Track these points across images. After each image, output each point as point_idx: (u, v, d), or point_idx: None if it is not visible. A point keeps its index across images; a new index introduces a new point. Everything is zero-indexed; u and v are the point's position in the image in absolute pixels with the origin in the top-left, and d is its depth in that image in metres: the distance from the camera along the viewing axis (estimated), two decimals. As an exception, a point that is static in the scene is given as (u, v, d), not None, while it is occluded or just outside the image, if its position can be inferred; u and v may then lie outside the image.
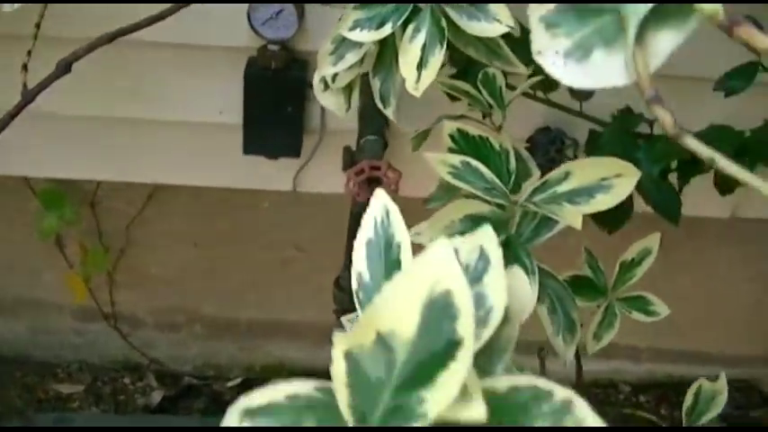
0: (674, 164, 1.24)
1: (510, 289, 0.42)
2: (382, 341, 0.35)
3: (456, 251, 0.42)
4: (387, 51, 0.88)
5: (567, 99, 1.25)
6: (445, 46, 0.80)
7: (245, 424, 0.38)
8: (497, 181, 0.84)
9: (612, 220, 1.23)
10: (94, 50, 0.94)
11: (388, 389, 0.35)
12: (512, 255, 0.84)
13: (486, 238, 0.42)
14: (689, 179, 1.19)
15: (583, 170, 0.83)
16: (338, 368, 0.36)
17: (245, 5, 1.32)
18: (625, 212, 1.24)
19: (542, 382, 0.36)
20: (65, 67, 0.89)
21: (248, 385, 1.75)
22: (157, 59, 1.39)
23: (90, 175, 1.53)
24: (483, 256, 0.42)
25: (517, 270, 0.44)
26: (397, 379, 0.35)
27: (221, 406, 1.68)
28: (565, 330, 0.87)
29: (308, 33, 1.37)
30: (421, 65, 0.80)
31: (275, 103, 1.41)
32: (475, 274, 0.42)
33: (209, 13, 1.33)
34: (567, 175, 0.84)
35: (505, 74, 1.07)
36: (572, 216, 0.81)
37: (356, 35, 0.82)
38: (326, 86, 0.91)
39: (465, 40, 0.86)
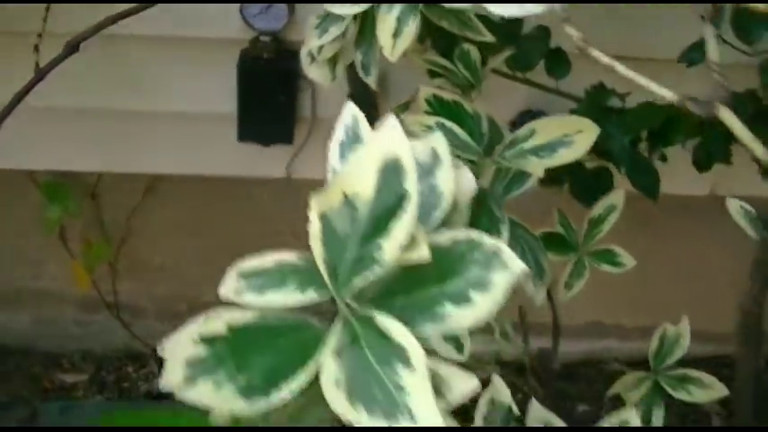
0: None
1: (457, 183, 0.53)
2: (348, 202, 0.46)
3: (413, 150, 0.53)
4: (367, 26, 0.99)
5: (546, 79, 1.36)
6: (419, 17, 0.91)
7: (241, 283, 0.49)
8: (469, 139, 0.95)
9: (591, 194, 1.33)
10: (99, 32, 1.04)
11: (354, 241, 0.46)
12: (484, 207, 0.95)
13: (438, 141, 0.53)
14: (658, 148, 1.30)
15: (546, 128, 0.95)
16: (314, 227, 0.47)
17: (238, -2, 1.44)
18: (603, 187, 1.35)
19: (475, 234, 0.46)
20: (73, 47, 1.00)
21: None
22: (153, 53, 1.51)
23: (90, 167, 1.64)
24: (435, 155, 0.53)
25: (464, 168, 0.54)
26: (361, 232, 0.46)
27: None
28: (535, 276, 0.97)
29: (298, 25, 1.48)
30: (396, 33, 0.91)
31: (268, 92, 1.52)
32: (428, 169, 0.53)
33: (202, 7, 1.44)
34: (532, 133, 0.95)
35: (483, 54, 1.19)
36: (536, 167, 0.92)
37: (339, 9, 0.93)
38: (313, 59, 1.02)
39: (438, 13, 0.97)
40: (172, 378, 0.45)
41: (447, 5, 0.92)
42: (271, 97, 1.53)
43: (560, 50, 1.34)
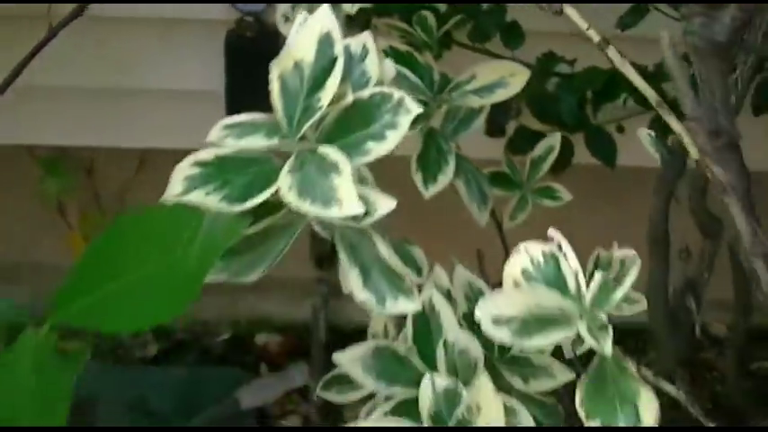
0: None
1: (381, 69, 0.78)
2: (297, 65, 0.71)
3: (349, 45, 0.77)
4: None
5: (502, 49, 1.61)
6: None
7: (224, 132, 0.73)
8: (420, 82, 1.20)
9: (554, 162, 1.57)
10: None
11: (302, 95, 0.71)
12: (433, 141, 1.20)
13: (368, 38, 0.78)
14: (601, 106, 1.54)
15: (485, 72, 1.19)
16: (275, 87, 0.71)
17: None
18: (565, 156, 1.59)
19: (386, 89, 0.71)
20: (81, 8, 1.25)
21: (235, 342, 2.09)
22: (145, 34, 1.76)
23: (86, 142, 1.88)
24: (365, 48, 0.78)
25: (388, 63, 0.79)
26: (306, 88, 0.71)
27: (210, 359, 2.02)
28: (479, 201, 1.22)
29: (279, 5, 1.73)
30: (352, -9, 1.16)
31: (253, 69, 1.77)
32: (360, 58, 0.77)
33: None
34: (473, 77, 1.19)
35: (439, 20, 1.44)
36: (478, 104, 1.17)
37: (307, -27, 1.18)
38: (287, 20, 1.27)
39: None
40: (174, 189, 0.69)
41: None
42: (255, 74, 1.77)
43: (515, 24, 1.59)
